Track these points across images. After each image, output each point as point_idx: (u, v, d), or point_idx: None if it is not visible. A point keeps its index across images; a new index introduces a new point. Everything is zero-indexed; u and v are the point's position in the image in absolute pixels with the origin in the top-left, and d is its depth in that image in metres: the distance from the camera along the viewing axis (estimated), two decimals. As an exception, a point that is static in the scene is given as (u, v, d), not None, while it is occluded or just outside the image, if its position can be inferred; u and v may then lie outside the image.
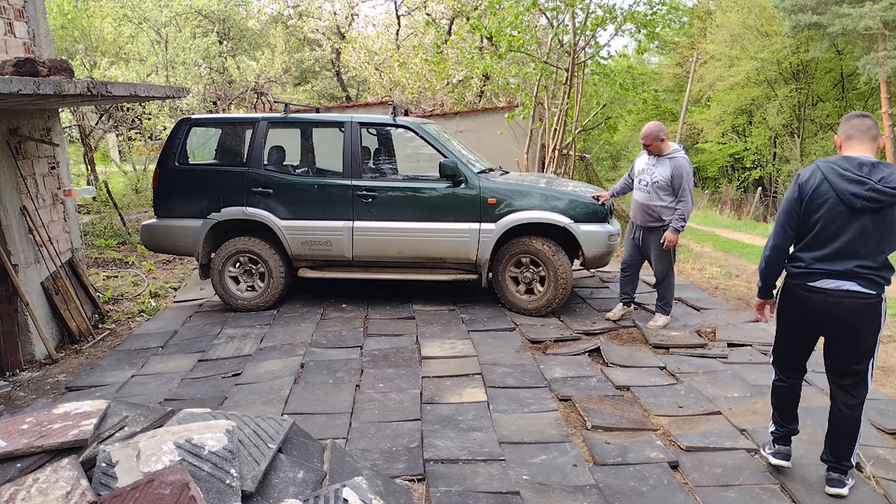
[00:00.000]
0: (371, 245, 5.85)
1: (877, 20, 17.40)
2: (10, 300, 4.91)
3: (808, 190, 2.80)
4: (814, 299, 2.87)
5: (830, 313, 2.85)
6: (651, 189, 5.18)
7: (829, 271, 2.81)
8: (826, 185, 2.75)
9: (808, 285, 2.87)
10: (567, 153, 9.74)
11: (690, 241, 11.53)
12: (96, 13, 19.56)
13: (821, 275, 2.84)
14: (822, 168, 2.79)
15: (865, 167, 2.71)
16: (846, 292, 2.79)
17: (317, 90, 24.03)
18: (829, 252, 2.80)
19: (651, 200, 5.19)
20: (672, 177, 5.06)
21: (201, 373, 4.64)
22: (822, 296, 2.84)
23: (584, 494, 3.02)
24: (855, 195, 2.70)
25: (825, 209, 2.76)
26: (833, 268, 2.80)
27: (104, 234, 9.86)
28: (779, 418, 3.20)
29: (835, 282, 2.81)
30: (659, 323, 5.41)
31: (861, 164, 2.72)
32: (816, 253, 2.84)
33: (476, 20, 10.10)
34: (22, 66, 3.93)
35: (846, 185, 2.71)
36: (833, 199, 2.74)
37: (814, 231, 2.82)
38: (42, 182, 5.45)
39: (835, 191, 2.73)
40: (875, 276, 2.78)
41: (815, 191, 2.78)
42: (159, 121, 15.55)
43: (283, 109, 6.02)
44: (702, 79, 26.66)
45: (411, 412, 3.89)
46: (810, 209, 2.81)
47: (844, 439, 2.95)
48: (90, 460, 2.17)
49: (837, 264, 2.79)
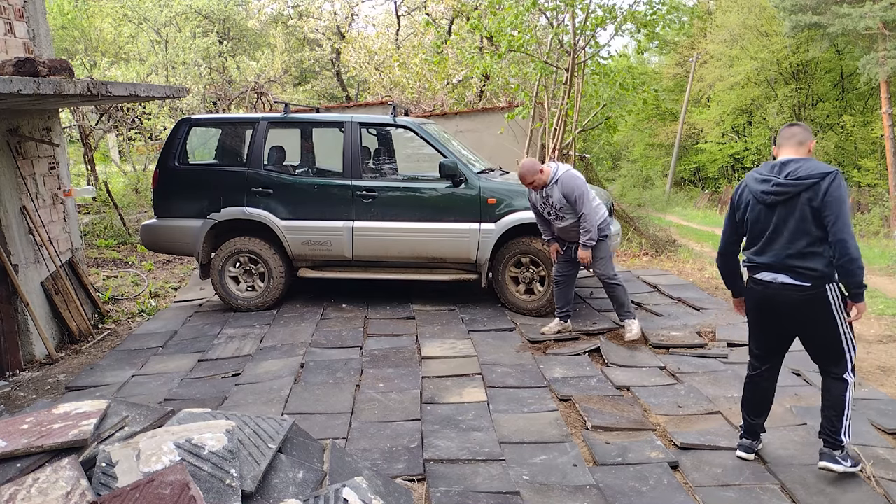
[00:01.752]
0: (371, 245, 5.85)
1: (877, 20, 17.39)
2: (10, 300, 4.91)
3: (735, 198, 3.21)
4: (758, 291, 3.17)
5: (775, 306, 3.13)
6: (559, 215, 4.95)
7: (763, 264, 3.11)
8: (746, 191, 3.15)
9: (754, 278, 3.20)
10: (567, 153, 9.74)
11: (690, 241, 11.54)
12: (96, 13, 19.56)
13: (760, 268, 3.14)
14: (747, 177, 3.20)
15: (777, 167, 3.04)
16: (781, 285, 3.06)
17: (317, 90, 24.04)
18: (759, 246, 3.12)
19: (566, 223, 4.96)
20: (566, 198, 4.83)
21: (201, 373, 4.64)
22: (763, 287, 3.14)
23: (584, 494, 3.02)
24: (765, 192, 3.04)
25: (748, 210, 3.14)
26: (763, 260, 3.10)
27: (104, 234, 9.86)
28: (744, 410, 3.40)
29: (770, 274, 3.10)
30: (633, 330, 5.05)
31: (773, 166, 3.07)
32: (752, 248, 3.17)
33: (476, 20, 10.08)
34: (22, 66, 3.93)
35: (758, 185, 3.08)
36: (752, 200, 3.11)
37: (748, 231, 3.18)
38: (42, 182, 5.45)
39: (751, 193, 3.11)
40: (803, 270, 2.98)
41: (739, 197, 3.18)
42: (159, 121, 15.56)
43: (283, 109, 6.02)
44: (702, 79, 26.66)
45: (411, 412, 3.89)
46: (739, 214, 3.19)
47: (830, 414, 3.13)
48: (90, 460, 2.17)
49: (766, 256, 3.09)
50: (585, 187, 4.87)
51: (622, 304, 5.10)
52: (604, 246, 5.03)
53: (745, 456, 3.33)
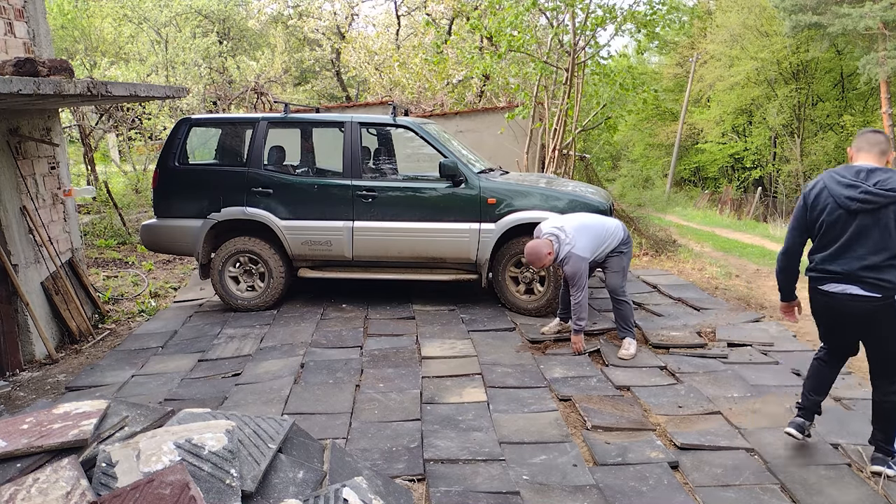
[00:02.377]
0: (371, 245, 5.85)
1: (877, 20, 17.40)
2: (10, 300, 4.91)
3: (811, 198, 3.10)
4: (824, 301, 3.15)
5: (840, 315, 3.13)
6: None
7: (834, 273, 3.05)
8: (825, 192, 3.04)
9: (819, 288, 3.15)
10: (567, 153, 9.74)
11: (691, 241, 11.54)
12: (96, 13, 19.57)
13: (827, 278, 3.09)
14: (824, 178, 3.09)
15: (863, 173, 2.96)
16: (849, 296, 3.03)
17: (317, 90, 24.05)
18: (831, 252, 3.05)
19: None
20: (568, 276, 4.84)
21: (201, 373, 4.64)
22: (828, 298, 3.12)
23: (584, 494, 3.02)
24: (850, 198, 2.95)
25: (825, 213, 3.04)
26: (835, 268, 3.04)
27: (104, 234, 9.86)
28: (805, 387, 3.43)
29: (839, 286, 3.06)
30: (629, 350, 4.84)
31: (859, 171, 2.98)
32: (822, 254, 3.10)
33: (476, 20, 10.09)
34: (22, 66, 3.93)
35: (842, 189, 2.98)
36: (831, 203, 3.01)
37: (819, 234, 3.09)
38: (42, 182, 5.45)
39: (832, 196, 3.01)
40: (876, 280, 2.96)
41: (816, 198, 3.07)
42: (159, 121, 15.56)
43: (283, 109, 6.02)
44: (702, 79, 26.66)
45: (411, 412, 3.89)
46: (814, 215, 3.09)
47: (881, 425, 3.20)
48: (90, 460, 2.17)
49: (837, 265, 3.03)
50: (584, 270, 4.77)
51: (625, 320, 4.94)
52: (616, 260, 4.95)
53: (795, 434, 3.35)
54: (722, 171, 29.03)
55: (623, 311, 4.94)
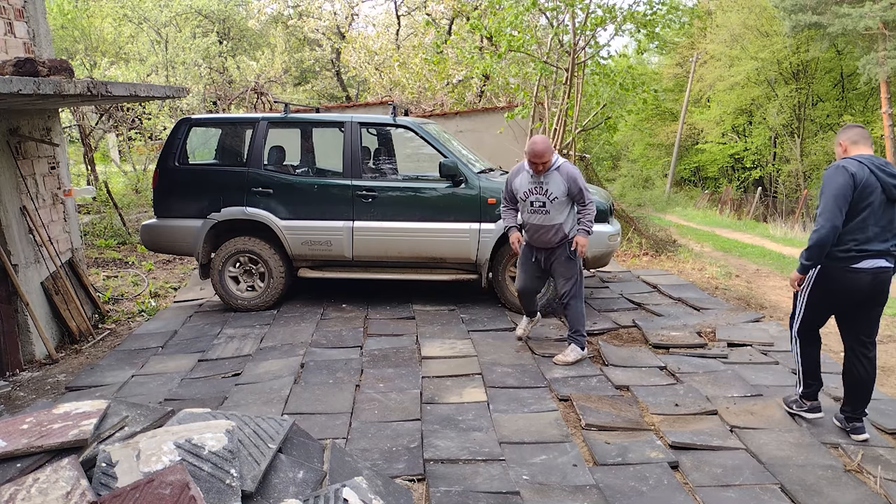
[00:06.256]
0: (371, 245, 5.85)
1: (877, 20, 17.40)
2: (10, 300, 4.91)
3: (861, 180, 3.24)
4: (854, 278, 3.33)
5: (866, 289, 3.35)
6: (547, 207, 4.55)
7: (871, 251, 3.29)
8: (873, 179, 3.25)
9: (852, 267, 3.32)
10: (567, 153, 9.74)
11: (691, 241, 11.54)
12: (96, 13, 19.57)
13: (863, 257, 3.29)
14: (866, 164, 3.27)
15: (889, 165, 3.31)
16: (879, 269, 3.31)
17: (317, 90, 24.04)
18: (871, 235, 3.28)
19: (550, 220, 4.57)
20: (570, 183, 4.51)
21: (201, 373, 4.64)
22: (863, 275, 3.32)
23: (584, 494, 3.02)
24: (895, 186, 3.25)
25: (874, 197, 3.25)
26: (874, 248, 3.29)
27: (104, 234, 9.86)
28: (807, 378, 3.70)
29: (872, 261, 3.30)
30: (569, 358, 4.62)
31: (885, 163, 3.31)
32: (861, 236, 3.29)
33: (476, 20, 10.09)
34: (22, 66, 3.93)
35: (888, 178, 3.25)
36: (879, 190, 3.25)
37: (860, 216, 3.27)
38: (42, 182, 5.45)
39: (880, 183, 3.25)
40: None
41: (867, 181, 3.24)
42: (159, 121, 15.57)
43: (283, 109, 6.02)
44: (702, 79, 26.66)
45: (411, 412, 3.89)
46: (861, 197, 3.26)
47: (865, 391, 3.49)
48: (90, 460, 2.17)
49: (877, 245, 3.29)
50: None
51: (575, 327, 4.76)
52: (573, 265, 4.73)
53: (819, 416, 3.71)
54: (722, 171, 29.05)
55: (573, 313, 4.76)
